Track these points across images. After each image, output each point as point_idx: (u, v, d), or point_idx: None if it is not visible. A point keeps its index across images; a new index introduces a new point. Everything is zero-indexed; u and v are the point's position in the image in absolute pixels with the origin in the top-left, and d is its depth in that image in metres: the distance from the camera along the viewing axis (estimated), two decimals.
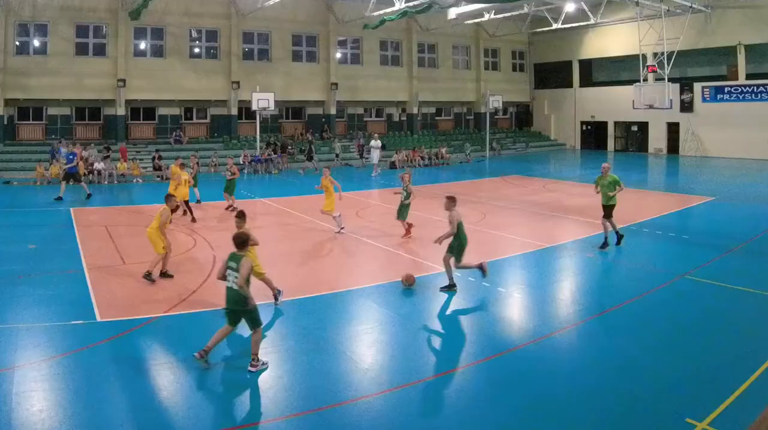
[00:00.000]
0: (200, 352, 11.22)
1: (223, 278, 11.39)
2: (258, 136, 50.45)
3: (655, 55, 50.79)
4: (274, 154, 49.30)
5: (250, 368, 11.16)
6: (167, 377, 11.02)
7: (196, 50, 52.15)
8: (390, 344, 12.91)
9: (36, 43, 46.55)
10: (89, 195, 32.47)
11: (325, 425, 9.45)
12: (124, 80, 47.79)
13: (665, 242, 22.60)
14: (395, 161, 50.16)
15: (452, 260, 15.83)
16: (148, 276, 16.50)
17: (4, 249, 20.68)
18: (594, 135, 65.78)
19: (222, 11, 51.40)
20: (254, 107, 48.34)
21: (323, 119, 57.18)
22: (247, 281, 11.08)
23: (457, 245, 15.70)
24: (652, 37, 49.38)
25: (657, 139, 60.50)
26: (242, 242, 11.61)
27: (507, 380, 11.06)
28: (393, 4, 46.18)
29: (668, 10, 48.85)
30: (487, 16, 56.17)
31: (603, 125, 64.67)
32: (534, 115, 71.13)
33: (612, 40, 60.65)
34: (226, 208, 27.72)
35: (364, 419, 9.62)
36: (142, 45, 49.86)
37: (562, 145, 67.98)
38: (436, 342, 13.31)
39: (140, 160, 45.37)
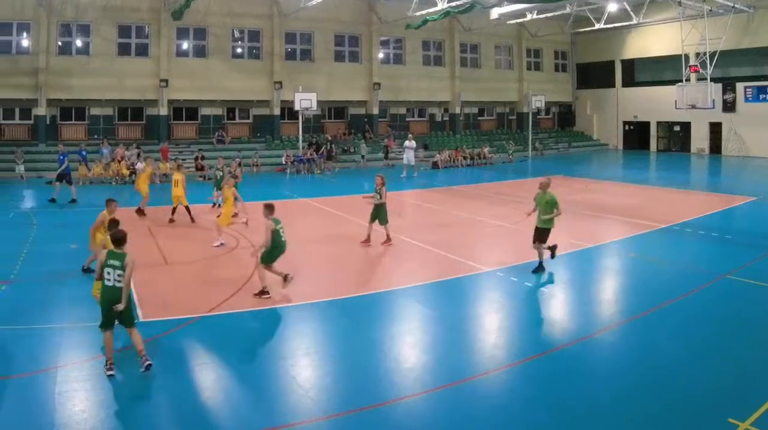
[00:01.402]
0: (108, 365, 10.59)
1: (100, 278, 10.85)
2: (300, 136, 48.16)
3: (697, 55, 47.25)
4: (317, 154, 46.71)
5: (142, 365, 10.56)
6: (209, 377, 10.78)
7: (239, 50, 49.64)
8: (432, 344, 12.55)
9: (78, 43, 44.42)
10: (74, 200, 29.54)
11: (367, 425, 9.16)
12: (166, 80, 45.46)
13: (708, 241, 21.73)
14: (438, 161, 47.73)
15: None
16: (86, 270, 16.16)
17: (47, 249, 19.80)
18: (636, 135, 62.16)
19: (264, 11, 48.82)
20: (297, 107, 46.13)
21: (365, 119, 54.16)
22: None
23: (267, 251, 14.88)
24: (695, 37, 45.93)
25: (699, 139, 57.06)
26: (121, 239, 11.12)
27: (549, 379, 10.59)
28: (435, 4, 43.54)
29: (711, 10, 45.36)
30: (529, 16, 53.10)
31: (645, 125, 61.07)
32: (576, 115, 67.32)
33: (654, 40, 57.21)
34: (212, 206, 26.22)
35: (406, 419, 9.36)
36: (185, 45, 47.54)
37: (604, 145, 64.22)
38: (478, 342, 12.86)
39: (183, 160, 42.09)
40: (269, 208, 15.10)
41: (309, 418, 9.28)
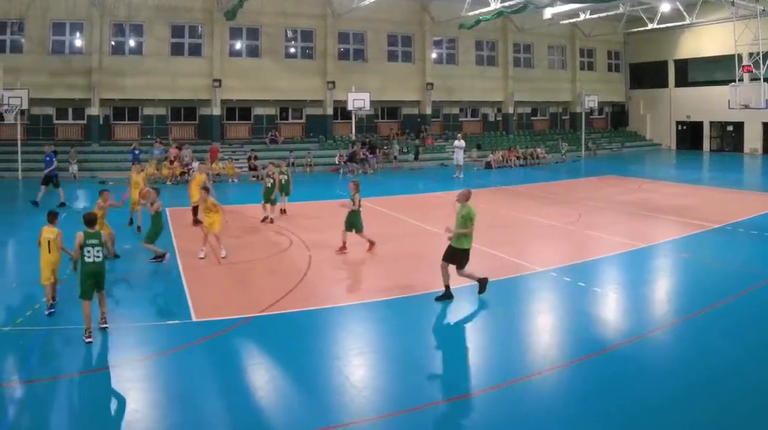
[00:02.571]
0: (88, 333, 11.29)
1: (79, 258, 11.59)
2: (353, 136, 45.57)
3: (750, 55, 43.32)
4: (370, 154, 43.93)
5: (101, 326, 11.75)
6: (262, 377, 10.36)
7: (292, 50, 46.86)
8: (485, 344, 12.17)
9: (131, 43, 42.34)
10: (63, 204, 26.47)
11: (419, 425, 8.72)
12: (219, 80, 43.08)
13: (761, 242, 20.50)
14: (491, 161, 44.96)
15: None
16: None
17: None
18: (689, 135, 58.36)
19: (317, 11, 46.01)
20: (350, 107, 43.58)
21: (418, 119, 50.90)
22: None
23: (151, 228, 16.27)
24: (748, 37, 42.19)
25: (752, 139, 53.33)
26: (92, 220, 11.94)
27: (603, 379, 10.13)
28: (488, 4, 40.43)
29: (764, 10, 41.88)
30: (582, 16, 49.93)
31: (698, 125, 57.34)
32: (630, 115, 63.32)
33: (707, 40, 53.42)
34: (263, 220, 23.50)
35: (459, 419, 8.94)
36: (238, 45, 45.02)
37: (657, 145, 60.14)
38: (532, 342, 12.19)
39: (235, 160, 40.45)
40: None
41: (362, 418, 8.87)
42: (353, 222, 18.27)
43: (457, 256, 13.77)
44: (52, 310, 12.87)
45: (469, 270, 14.04)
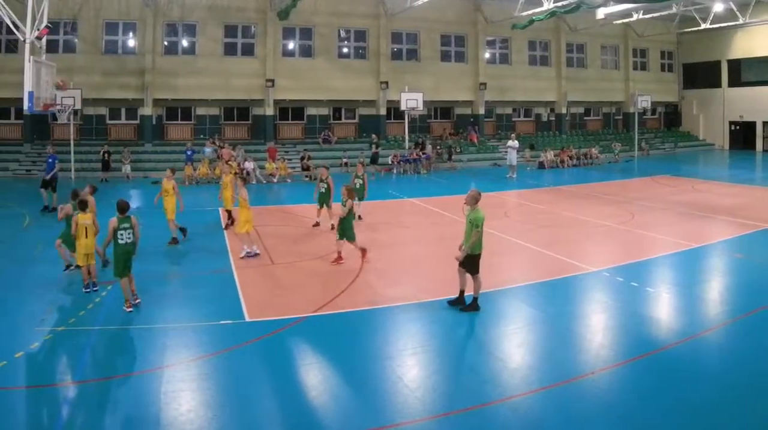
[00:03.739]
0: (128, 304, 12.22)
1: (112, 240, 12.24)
2: (406, 136, 42.52)
3: None
4: (423, 154, 40.74)
5: (126, 308, 12.20)
6: (315, 377, 9.72)
7: (345, 50, 43.55)
8: (538, 344, 11.24)
9: (184, 43, 39.63)
10: (48, 207, 23.61)
11: (473, 425, 8.22)
12: (272, 80, 40.13)
13: None
14: (544, 161, 41.95)
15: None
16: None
17: (155, 249, 17.48)
18: (742, 135, 54.24)
19: (371, 11, 42.75)
20: (403, 107, 40.69)
21: (471, 119, 47.36)
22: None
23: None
24: None
25: None
26: (124, 207, 12.35)
27: (656, 379, 9.45)
28: (542, 4, 37.82)
29: None
30: (635, 16, 46.21)
31: (752, 125, 53.21)
32: (683, 115, 58.88)
33: (760, 39, 49.60)
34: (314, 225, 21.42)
35: (512, 419, 8.40)
36: (291, 45, 41.92)
37: (710, 145, 55.77)
38: (584, 342, 11.25)
39: (288, 160, 37.59)
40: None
41: (415, 418, 8.32)
42: (344, 230, 16.02)
43: (467, 261, 12.50)
44: (91, 289, 13.36)
45: (478, 283, 12.60)
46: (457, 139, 45.37)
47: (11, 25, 23.63)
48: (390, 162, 39.67)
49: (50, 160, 24.78)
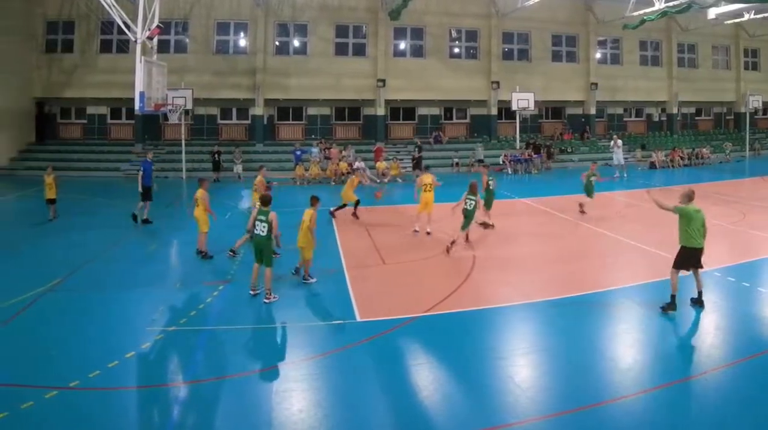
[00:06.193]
0: (253, 290, 11.26)
1: (252, 228, 11.15)
2: (518, 136, 36.32)
3: None
4: (535, 154, 34.48)
5: (264, 300, 10.98)
6: (426, 377, 8.36)
7: (456, 50, 36.97)
8: (649, 343, 9.58)
9: (295, 43, 34.09)
10: (139, 219, 18.38)
11: (584, 425, 7.07)
12: (383, 80, 34.16)
13: None
14: (655, 162, 35.63)
15: None
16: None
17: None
18: None
19: (482, 11, 36.20)
20: (514, 107, 34.93)
21: (583, 119, 40.21)
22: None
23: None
24: None
25: None
26: (267, 201, 11.30)
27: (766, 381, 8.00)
28: (653, 4, 31.95)
29: None
30: (747, 16, 38.40)
31: None
32: None
33: None
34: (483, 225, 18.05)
35: (623, 419, 7.20)
36: (402, 45, 35.75)
37: None
38: (694, 342, 9.85)
39: (400, 160, 31.54)
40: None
41: (526, 418, 7.18)
42: (468, 220, 15.22)
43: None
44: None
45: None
46: (569, 139, 38.71)
47: (123, 26, 21.01)
48: (501, 162, 33.78)
49: (145, 166, 18.55)
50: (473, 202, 14.83)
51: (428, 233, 16.69)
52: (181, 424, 7.09)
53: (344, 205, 19.07)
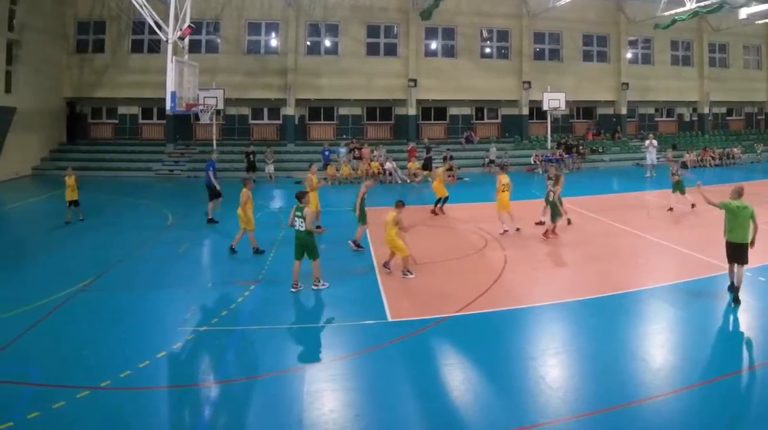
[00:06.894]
0: (294, 285, 11.10)
1: (292, 224, 11.11)
2: (549, 136, 34.63)
3: None
4: (566, 154, 33.01)
5: (313, 287, 11.10)
6: (457, 377, 8.10)
7: (487, 50, 35.21)
8: (680, 344, 9.28)
9: (327, 43, 32.51)
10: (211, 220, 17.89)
11: (615, 426, 6.80)
12: (415, 80, 32.49)
13: None
14: (686, 161, 33.45)
15: None
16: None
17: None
18: None
19: (513, 11, 34.51)
20: (545, 107, 33.36)
21: (614, 119, 38.28)
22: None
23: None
24: None
25: None
26: (301, 197, 11.25)
27: None
28: (684, 4, 30.45)
29: None
30: None
31: None
32: None
33: None
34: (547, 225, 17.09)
35: (655, 419, 6.90)
36: (433, 45, 34.08)
37: None
38: (727, 342, 9.40)
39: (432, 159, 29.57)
40: None
41: (557, 418, 6.93)
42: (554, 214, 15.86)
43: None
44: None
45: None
46: (599, 139, 36.88)
47: (154, 26, 20.28)
48: (532, 162, 32.26)
49: (210, 167, 18.04)
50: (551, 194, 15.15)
51: (518, 230, 16.47)
52: (212, 424, 6.94)
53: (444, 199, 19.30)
